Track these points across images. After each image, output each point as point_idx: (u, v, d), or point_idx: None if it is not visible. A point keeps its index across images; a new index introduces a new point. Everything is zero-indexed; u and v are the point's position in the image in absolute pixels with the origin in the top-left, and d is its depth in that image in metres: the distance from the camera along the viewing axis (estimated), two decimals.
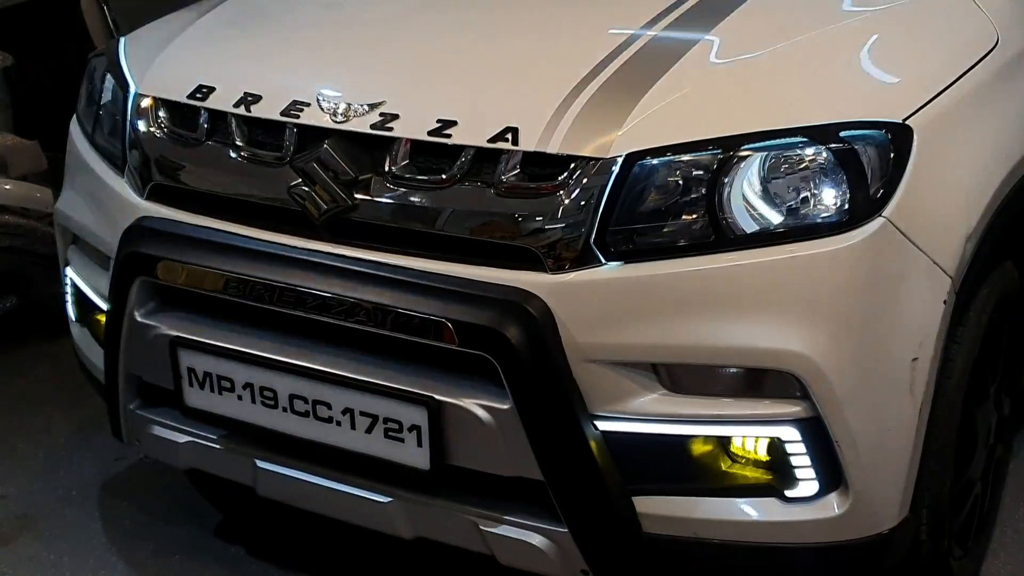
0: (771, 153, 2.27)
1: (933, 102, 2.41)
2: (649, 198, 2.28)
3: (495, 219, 2.34)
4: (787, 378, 2.27)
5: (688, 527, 2.39)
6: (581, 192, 2.28)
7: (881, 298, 2.30)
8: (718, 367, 2.32)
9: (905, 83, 2.46)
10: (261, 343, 2.55)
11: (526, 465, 2.36)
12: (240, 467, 2.72)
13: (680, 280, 2.26)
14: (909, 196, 2.31)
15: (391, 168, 2.42)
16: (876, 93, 2.42)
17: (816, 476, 2.33)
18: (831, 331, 2.25)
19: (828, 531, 2.37)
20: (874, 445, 2.33)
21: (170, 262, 2.58)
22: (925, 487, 2.47)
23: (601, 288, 2.28)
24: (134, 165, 2.75)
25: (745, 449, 2.39)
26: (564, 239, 2.29)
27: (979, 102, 2.55)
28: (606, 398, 2.32)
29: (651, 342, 2.28)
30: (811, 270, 2.25)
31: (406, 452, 2.43)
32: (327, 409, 2.49)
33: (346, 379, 2.45)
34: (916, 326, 2.36)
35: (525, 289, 2.29)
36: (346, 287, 2.41)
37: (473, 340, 2.30)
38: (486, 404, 2.34)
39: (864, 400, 2.30)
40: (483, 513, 2.47)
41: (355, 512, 2.62)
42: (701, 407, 2.32)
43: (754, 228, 2.27)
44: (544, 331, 2.27)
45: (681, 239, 2.28)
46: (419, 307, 2.34)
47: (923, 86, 2.44)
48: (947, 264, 2.39)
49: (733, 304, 2.26)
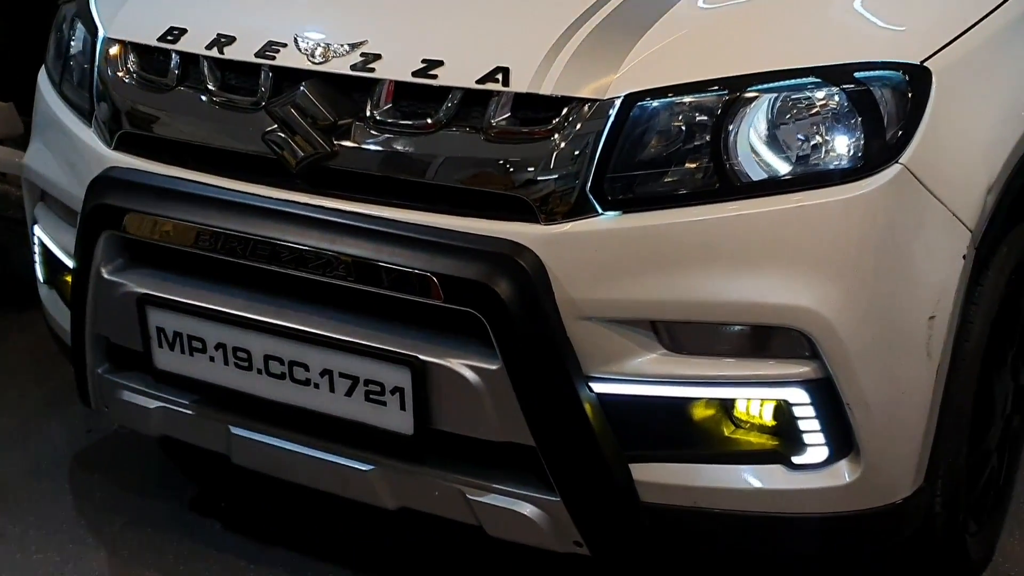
0: (781, 95, 2.12)
1: (952, 45, 2.26)
2: (649, 143, 2.14)
3: (484, 166, 2.19)
4: (795, 336, 2.13)
5: (688, 496, 2.25)
6: (576, 137, 2.13)
7: (897, 251, 2.15)
8: (722, 325, 2.17)
9: (923, 24, 2.30)
10: (234, 301, 2.41)
11: (516, 430, 2.22)
12: (213, 434, 2.58)
13: (682, 231, 2.12)
14: (927, 143, 2.16)
15: (373, 112, 2.27)
16: (892, 33, 2.26)
17: (825, 442, 2.19)
18: (843, 286, 2.11)
19: (837, 501, 2.23)
20: (888, 409, 2.19)
21: (137, 214, 2.44)
22: (941, 455, 2.33)
23: (597, 240, 2.13)
24: (102, 114, 2.61)
25: (749, 413, 2.25)
26: (558, 187, 2.14)
27: (998, 48, 2.40)
28: (602, 358, 2.18)
29: (650, 298, 2.14)
30: (822, 220, 2.11)
31: (388, 416, 2.29)
32: (304, 371, 2.35)
33: (324, 338, 2.31)
34: (934, 282, 2.22)
35: (516, 241, 2.14)
36: (324, 240, 2.26)
37: (460, 296, 2.16)
38: (474, 364, 2.20)
39: (878, 360, 2.16)
40: (470, 481, 2.34)
41: (335, 481, 2.48)
42: (703, 368, 2.18)
43: (762, 175, 2.12)
44: (536, 286, 2.13)
45: (683, 187, 2.13)
46: (402, 261, 2.19)
47: (942, 28, 2.28)
48: (967, 217, 2.24)
49: (739, 257, 2.11)
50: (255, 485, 2.90)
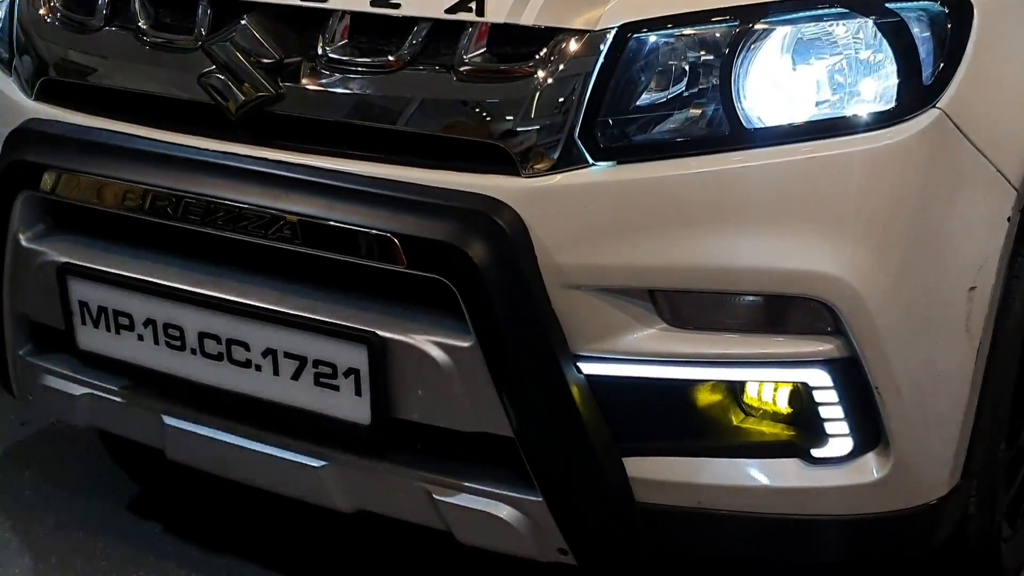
0: (800, 26, 1.83)
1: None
2: (647, 82, 1.84)
3: (455, 111, 1.90)
4: (816, 308, 1.84)
5: (691, 495, 1.96)
6: (563, 75, 1.83)
7: (934, 210, 1.87)
8: (731, 294, 1.88)
9: None
10: (165, 270, 2.12)
11: (491, 418, 1.92)
12: (145, 425, 2.29)
13: (685, 185, 1.82)
14: (968, 87, 1.88)
15: (325, 49, 1.98)
16: None
17: (850, 431, 1.90)
18: (872, 249, 1.82)
19: (863, 500, 1.93)
20: (922, 394, 1.90)
21: (58, 171, 2.16)
22: (977, 450, 2.04)
23: (588, 195, 1.84)
24: (22, 60, 2.32)
25: (761, 399, 1.95)
26: (541, 134, 1.84)
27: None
28: (592, 334, 1.88)
29: (649, 263, 1.84)
30: (849, 173, 1.82)
31: (341, 403, 1.99)
32: (244, 350, 2.05)
33: (267, 312, 2.01)
34: (975, 248, 1.93)
35: (492, 196, 1.85)
36: (267, 196, 1.96)
37: (426, 260, 1.86)
38: (442, 341, 1.90)
39: (911, 337, 1.87)
40: (437, 479, 2.04)
41: (281, 480, 2.18)
42: (709, 345, 1.89)
43: (778, 121, 1.83)
44: (516, 249, 1.83)
45: (687, 134, 1.84)
46: (358, 220, 1.89)
47: None
48: (1012, 174, 1.96)
49: (751, 215, 1.82)
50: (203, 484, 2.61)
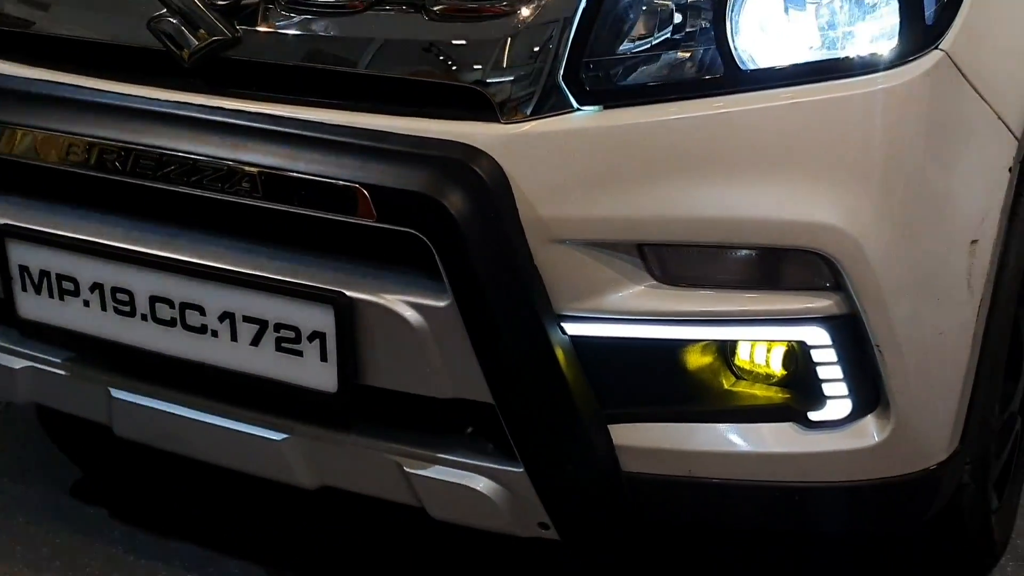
0: None
1: None
2: (636, 21, 1.72)
3: (427, 52, 1.76)
4: (815, 262, 1.72)
5: (681, 463, 1.83)
6: (545, 13, 1.71)
7: (936, 158, 1.76)
8: (725, 248, 1.75)
9: None
10: (113, 231, 1.96)
11: (469, 383, 1.79)
12: (91, 399, 2.13)
13: (677, 130, 1.70)
14: (969, 28, 1.77)
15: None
16: None
17: (849, 393, 1.78)
18: (873, 199, 1.70)
19: (863, 465, 1.82)
20: (923, 352, 1.79)
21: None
22: (976, 413, 1.94)
23: (573, 142, 1.71)
24: None
25: (754, 361, 1.83)
26: (522, 76, 1.71)
27: None
28: (577, 292, 1.75)
29: (638, 214, 1.71)
30: (849, 117, 1.70)
31: (305, 369, 1.85)
32: (199, 315, 1.90)
33: (224, 273, 1.87)
34: (977, 199, 1.83)
35: (469, 144, 1.71)
36: (224, 147, 1.81)
37: (398, 213, 1.72)
38: (415, 301, 1.76)
39: (913, 292, 1.76)
40: (409, 451, 1.90)
41: (239, 455, 2.03)
42: (701, 303, 1.76)
43: (775, 62, 1.71)
44: (496, 200, 1.70)
45: (679, 75, 1.71)
46: (323, 170, 1.75)
47: None
48: (1013, 122, 1.87)
49: (746, 162, 1.70)
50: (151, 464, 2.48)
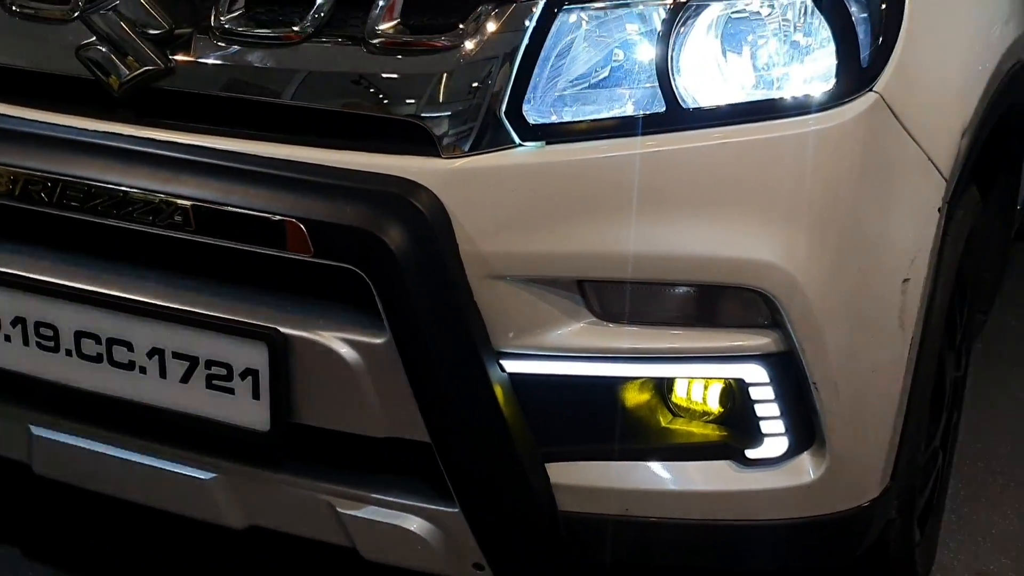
0: (738, 1, 1.72)
1: None
2: (579, 57, 1.71)
3: (367, 85, 1.73)
4: (753, 299, 1.73)
5: (618, 502, 1.82)
6: (487, 49, 1.69)
7: (870, 198, 1.78)
8: (664, 285, 1.75)
9: None
10: (37, 264, 1.89)
11: (406, 422, 1.76)
12: (10, 436, 2.05)
13: (619, 167, 1.69)
14: (902, 71, 1.79)
15: (220, 19, 1.80)
16: None
17: (786, 430, 1.79)
18: (810, 237, 1.72)
19: (799, 503, 1.83)
20: (859, 389, 1.81)
21: None
22: (905, 449, 1.96)
23: (514, 177, 1.69)
24: None
25: (691, 399, 1.83)
26: (463, 112, 1.69)
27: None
28: (516, 329, 1.73)
29: (578, 251, 1.70)
30: (786, 156, 1.71)
31: (237, 407, 1.80)
32: (127, 351, 1.84)
33: (153, 308, 1.81)
34: (908, 238, 1.85)
35: (409, 179, 1.69)
36: (156, 179, 1.76)
37: (336, 248, 1.69)
38: (352, 338, 1.73)
39: (849, 330, 1.78)
40: (342, 490, 1.87)
41: (165, 494, 1.97)
42: (641, 340, 1.75)
43: (715, 101, 1.71)
44: (436, 235, 1.67)
45: (620, 113, 1.71)
46: (259, 203, 1.71)
47: None
48: (942, 163, 1.89)
49: (686, 199, 1.70)
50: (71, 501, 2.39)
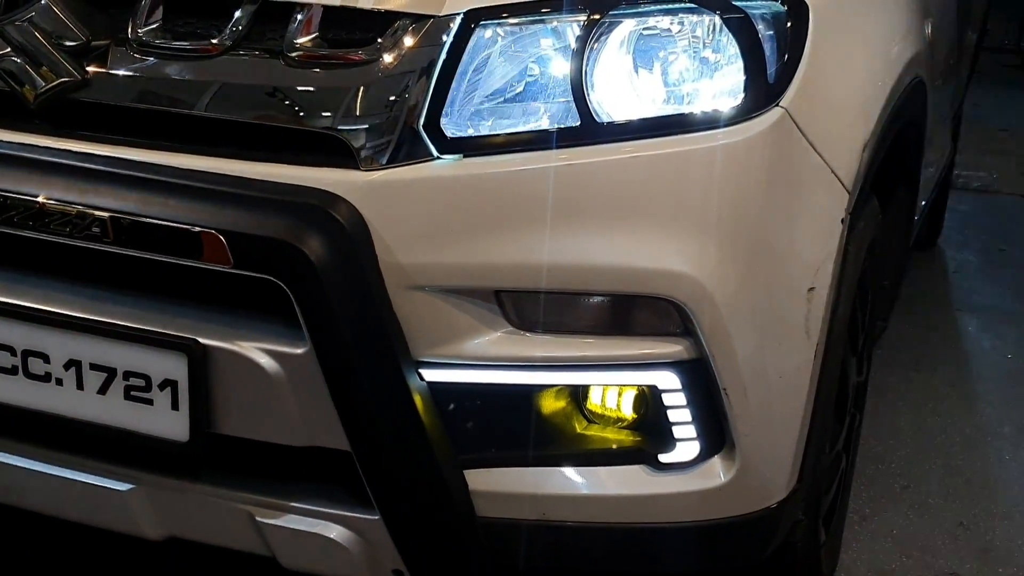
0: (649, 19, 1.77)
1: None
2: (495, 72, 1.75)
3: (285, 98, 1.75)
4: (665, 308, 1.78)
5: (535, 507, 1.86)
6: (405, 62, 1.72)
7: (776, 210, 1.83)
8: (579, 295, 1.79)
9: None
10: None
11: (326, 431, 1.77)
12: None
13: (534, 179, 1.72)
14: (807, 86, 1.86)
15: (137, 31, 1.80)
16: None
17: (697, 435, 1.84)
18: (719, 248, 1.77)
19: (710, 505, 1.88)
20: (767, 394, 1.87)
21: None
22: (811, 452, 2.02)
23: (432, 189, 1.72)
24: None
25: (605, 404, 1.87)
26: (382, 125, 1.71)
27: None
28: (435, 338, 1.76)
29: (495, 261, 1.74)
30: (696, 169, 1.76)
31: (155, 419, 1.80)
32: (43, 363, 1.83)
33: (69, 320, 1.80)
34: (813, 248, 1.92)
35: (328, 191, 1.70)
36: (72, 191, 1.75)
37: (255, 259, 1.70)
38: (272, 348, 1.74)
39: (757, 337, 1.83)
40: (261, 499, 1.87)
41: (81, 507, 1.95)
42: (557, 348, 1.79)
43: (628, 115, 1.76)
44: (355, 246, 1.69)
45: (535, 127, 1.75)
46: (178, 215, 1.71)
47: None
48: (845, 176, 1.96)
49: (600, 211, 1.74)
50: None
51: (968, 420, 3.40)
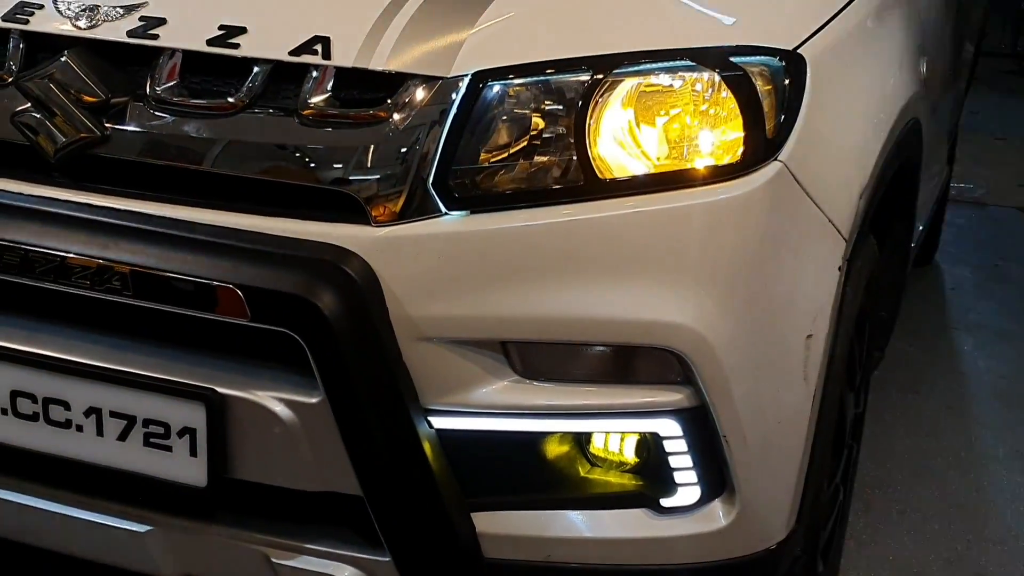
0: (650, 78, 1.82)
1: (823, 31, 2.02)
2: (502, 130, 1.80)
3: (299, 156, 1.80)
4: (666, 358, 1.83)
5: (540, 549, 1.91)
6: (415, 122, 1.77)
7: (775, 261, 1.89)
8: (582, 345, 1.85)
9: (792, 8, 2.06)
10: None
11: (339, 476, 1.83)
12: None
13: (539, 234, 1.78)
14: (804, 140, 1.91)
15: (155, 89, 1.85)
16: (761, 17, 2.00)
17: (698, 480, 1.90)
18: (719, 300, 1.82)
19: (711, 548, 1.94)
20: (766, 440, 1.92)
21: None
22: (809, 493, 2.08)
23: (441, 245, 1.77)
24: None
25: (608, 449, 1.93)
26: (392, 182, 1.77)
27: (865, 37, 2.20)
28: (443, 387, 1.82)
29: (501, 314, 1.79)
30: (696, 224, 1.82)
31: (174, 465, 1.86)
32: (64, 410, 1.89)
33: (90, 369, 1.86)
34: (811, 297, 1.97)
35: (341, 246, 1.76)
36: (91, 245, 1.81)
37: (272, 313, 1.75)
38: (288, 398, 1.80)
39: (756, 385, 1.89)
40: (277, 541, 1.93)
41: (100, 547, 2.01)
42: (561, 397, 1.85)
43: (629, 172, 1.82)
44: (367, 300, 1.75)
45: (541, 183, 1.80)
46: (195, 270, 1.77)
47: (811, 12, 2.05)
48: (842, 224, 2.02)
49: (603, 266, 1.80)
50: None
51: (963, 443, 3.46)
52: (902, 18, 2.45)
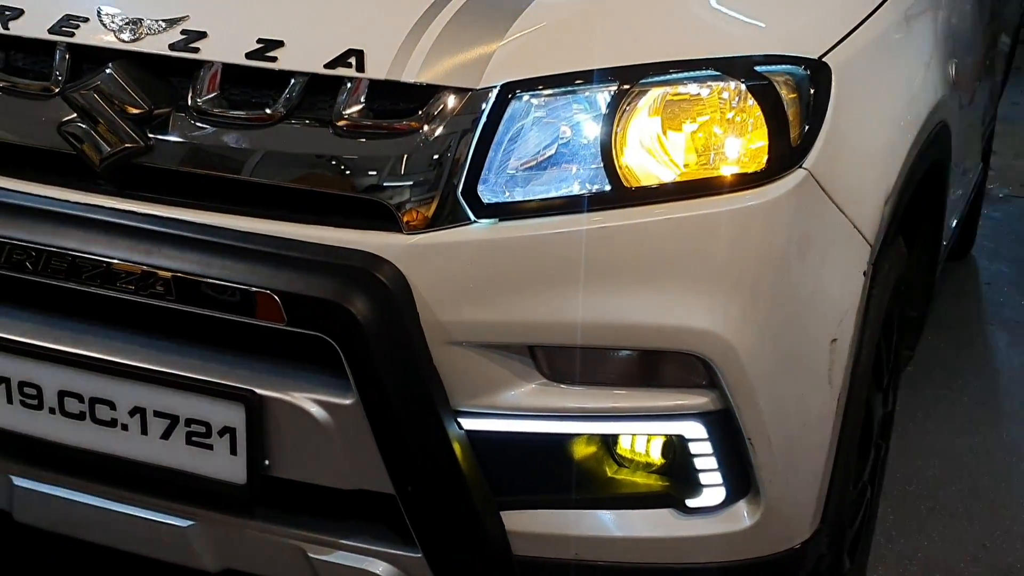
0: (676, 88, 1.87)
1: (848, 39, 2.06)
2: (530, 140, 1.85)
3: (333, 165, 1.86)
4: (692, 362, 1.88)
5: (567, 547, 1.96)
6: (445, 132, 1.83)
7: (799, 267, 1.93)
8: (609, 350, 1.89)
9: (817, 16, 2.10)
10: (20, 326, 2.00)
11: (372, 475, 1.89)
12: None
13: (567, 242, 1.83)
14: (829, 147, 1.95)
15: (196, 100, 1.91)
16: (787, 26, 2.04)
17: (723, 481, 1.94)
18: (744, 305, 1.87)
19: (736, 547, 1.98)
20: (790, 442, 1.96)
21: None
22: (834, 493, 2.12)
23: (470, 252, 1.83)
24: None
25: (634, 451, 1.98)
26: (423, 191, 1.82)
27: (891, 43, 2.24)
28: (472, 390, 1.87)
29: (530, 319, 1.84)
30: (722, 231, 1.86)
31: (215, 462, 1.93)
32: (109, 409, 1.95)
33: (135, 370, 1.92)
34: (836, 302, 2.01)
35: (373, 253, 1.82)
36: (135, 251, 1.88)
37: (307, 318, 1.82)
38: (322, 399, 1.86)
39: (780, 389, 1.93)
40: (313, 536, 1.99)
41: (144, 540, 2.08)
42: (588, 400, 1.90)
43: (655, 180, 1.86)
44: (398, 305, 1.81)
45: (568, 192, 1.85)
46: (235, 276, 1.83)
47: (837, 21, 2.09)
48: (867, 230, 2.05)
49: (629, 272, 1.84)
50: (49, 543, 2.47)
51: (995, 439, 3.48)
52: (929, 22, 2.48)
